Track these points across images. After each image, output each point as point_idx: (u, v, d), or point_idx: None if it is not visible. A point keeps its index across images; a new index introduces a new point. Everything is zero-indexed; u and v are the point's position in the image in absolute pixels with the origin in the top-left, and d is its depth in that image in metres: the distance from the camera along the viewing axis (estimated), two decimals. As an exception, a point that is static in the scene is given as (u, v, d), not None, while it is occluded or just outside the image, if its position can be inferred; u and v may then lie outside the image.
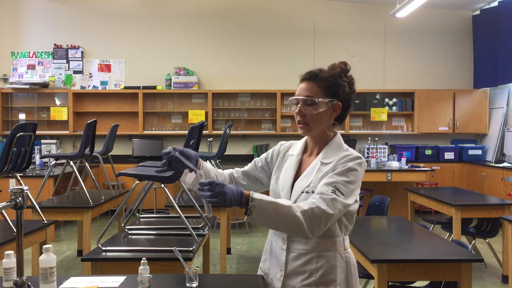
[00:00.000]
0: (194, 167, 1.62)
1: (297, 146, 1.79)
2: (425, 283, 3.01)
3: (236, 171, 1.85)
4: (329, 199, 1.51)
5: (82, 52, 7.88)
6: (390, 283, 2.90)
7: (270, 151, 1.85)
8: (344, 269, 1.65)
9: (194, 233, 2.70)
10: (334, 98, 1.64)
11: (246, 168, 1.85)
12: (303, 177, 1.66)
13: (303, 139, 1.79)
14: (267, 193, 1.72)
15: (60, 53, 7.87)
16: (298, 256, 1.64)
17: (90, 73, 7.90)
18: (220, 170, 1.81)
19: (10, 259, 1.82)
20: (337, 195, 1.52)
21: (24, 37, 7.89)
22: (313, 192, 1.59)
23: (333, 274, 1.63)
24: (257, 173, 1.83)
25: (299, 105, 1.64)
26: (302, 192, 1.62)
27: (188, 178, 1.72)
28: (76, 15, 7.89)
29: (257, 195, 1.46)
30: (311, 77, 1.65)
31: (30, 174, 5.94)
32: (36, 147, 6.91)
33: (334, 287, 1.62)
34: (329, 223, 1.53)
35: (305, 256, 1.63)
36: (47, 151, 7.21)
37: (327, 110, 1.64)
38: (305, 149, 1.76)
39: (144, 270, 1.77)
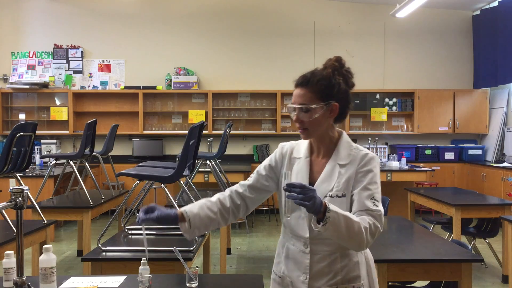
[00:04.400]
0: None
1: (301, 147, 1.76)
2: (425, 283, 3.01)
3: (242, 185, 1.79)
4: (378, 215, 1.57)
5: (82, 52, 7.88)
6: (390, 283, 2.90)
7: (272, 156, 1.80)
8: (365, 264, 1.70)
9: (194, 233, 2.69)
10: (329, 99, 1.63)
11: (251, 181, 1.79)
12: (323, 181, 1.65)
13: (306, 141, 1.76)
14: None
15: (60, 53, 7.87)
16: (323, 258, 1.64)
17: (90, 73, 7.90)
18: (212, 199, 1.75)
19: (10, 259, 1.82)
20: (377, 206, 1.59)
21: (24, 37, 7.89)
22: (337, 196, 1.61)
23: (357, 270, 1.66)
24: (263, 183, 1.77)
25: (295, 113, 1.64)
26: (326, 197, 1.61)
27: (184, 230, 1.67)
28: (76, 15, 7.89)
29: (332, 207, 1.47)
30: (303, 82, 1.65)
31: (30, 174, 5.94)
32: (36, 147, 6.91)
33: (359, 282, 1.66)
34: (378, 236, 1.60)
35: (330, 257, 1.64)
36: (47, 151, 7.21)
37: (324, 113, 1.63)
38: (311, 150, 1.74)
39: (144, 270, 1.77)
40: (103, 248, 2.61)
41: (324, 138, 1.69)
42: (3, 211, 2.11)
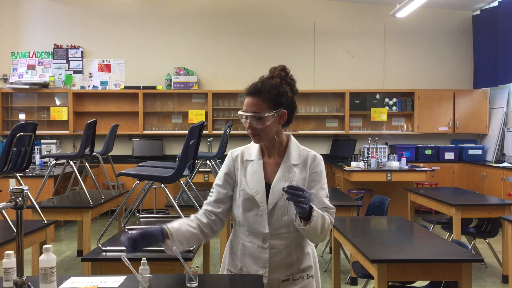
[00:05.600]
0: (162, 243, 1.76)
1: (252, 150, 1.88)
2: (425, 283, 3.01)
3: (207, 203, 1.88)
4: (333, 212, 1.79)
5: (82, 52, 7.88)
6: (390, 283, 2.90)
7: (224, 165, 1.90)
8: (311, 255, 1.88)
9: (194, 233, 2.69)
10: (279, 107, 1.74)
11: (213, 196, 1.88)
12: (279, 180, 1.77)
13: (256, 144, 1.87)
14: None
15: (60, 53, 7.87)
16: (280, 251, 1.79)
17: (90, 73, 7.90)
18: (190, 217, 1.85)
19: (10, 259, 1.82)
20: (329, 203, 1.79)
21: (24, 37, 7.89)
22: None
23: (309, 260, 1.85)
24: (226, 193, 1.86)
25: (248, 120, 1.75)
26: (283, 194, 1.69)
27: (166, 248, 1.76)
28: (76, 15, 7.89)
29: (315, 207, 1.66)
30: (255, 92, 1.78)
31: (30, 174, 5.94)
32: (36, 147, 6.91)
33: (311, 271, 1.85)
34: None
35: (286, 250, 1.79)
36: (47, 151, 7.21)
37: (274, 120, 1.75)
38: (262, 153, 1.86)
39: (144, 270, 1.77)
40: (103, 248, 2.61)
41: (274, 141, 1.82)
42: (3, 211, 2.12)
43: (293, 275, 1.80)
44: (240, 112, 1.79)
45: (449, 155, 7.52)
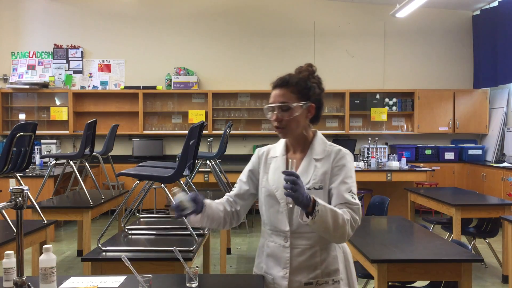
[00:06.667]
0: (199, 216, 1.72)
1: (277, 148, 1.85)
2: (425, 283, 3.01)
3: (229, 196, 1.88)
4: (356, 209, 1.65)
5: (82, 52, 7.88)
6: (390, 283, 2.90)
7: (250, 162, 1.89)
8: (343, 259, 1.76)
9: (194, 233, 2.70)
10: (307, 100, 1.71)
11: (235, 190, 1.88)
12: (300, 174, 1.67)
13: (282, 141, 1.85)
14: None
15: (60, 53, 7.88)
16: (303, 252, 1.70)
17: (90, 73, 7.90)
18: (219, 200, 1.86)
19: (10, 259, 1.82)
20: (355, 199, 1.66)
21: (24, 37, 7.89)
22: (314, 188, 1.68)
23: (336, 264, 1.72)
24: (247, 189, 1.86)
25: (275, 112, 1.71)
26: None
27: (194, 219, 1.73)
28: (76, 15, 7.89)
29: (320, 201, 1.53)
30: (282, 83, 1.73)
31: (30, 174, 5.94)
32: (36, 147, 6.91)
33: (338, 276, 1.71)
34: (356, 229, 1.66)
35: (309, 251, 1.69)
36: (47, 151, 7.21)
37: (302, 113, 1.71)
38: (287, 149, 1.82)
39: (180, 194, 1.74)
40: (103, 248, 2.61)
41: (300, 138, 1.77)
42: (3, 211, 2.11)
43: (317, 278, 1.69)
44: (265, 106, 1.75)
45: (449, 155, 7.52)
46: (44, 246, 1.78)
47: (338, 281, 1.71)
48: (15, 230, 1.90)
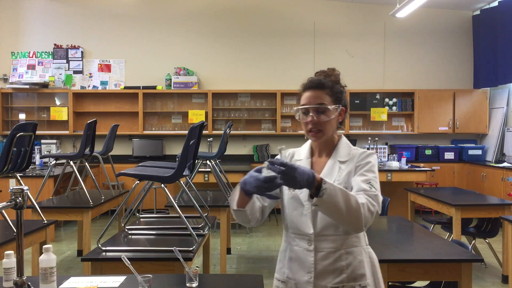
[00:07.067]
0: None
1: (302, 151, 1.82)
2: (425, 283, 3.01)
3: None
4: (373, 195, 1.58)
5: (82, 52, 7.88)
6: (390, 283, 2.90)
7: None
8: (369, 263, 1.72)
9: (194, 233, 2.70)
10: (339, 104, 1.70)
11: None
12: (324, 176, 1.66)
13: (307, 144, 1.81)
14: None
15: (60, 53, 7.87)
16: (327, 255, 1.65)
17: (90, 73, 7.90)
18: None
19: (10, 259, 1.82)
20: (374, 188, 1.61)
21: (24, 37, 7.89)
22: None
23: (362, 269, 1.67)
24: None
25: (310, 114, 1.67)
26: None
27: (242, 200, 1.61)
28: (76, 15, 7.89)
29: (328, 180, 1.48)
30: (318, 85, 1.70)
31: (30, 174, 5.94)
32: (36, 147, 6.91)
33: (364, 281, 1.66)
34: (375, 218, 1.59)
35: (334, 254, 1.65)
36: (47, 151, 7.21)
37: (335, 116, 1.70)
38: (312, 153, 1.80)
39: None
40: (103, 248, 2.61)
41: (328, 141, 1.75)
42: (3, 211, 2.11)
43: (342, 283, 1.64)
44: (298, 107, 1.69)
45: (449, 155, 7.52)
46: (44, 246, 1.78)
47: (365, 286, 1.67)
48: (15, 230, 1.90)
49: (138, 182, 2.80)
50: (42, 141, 7.35)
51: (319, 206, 1.47)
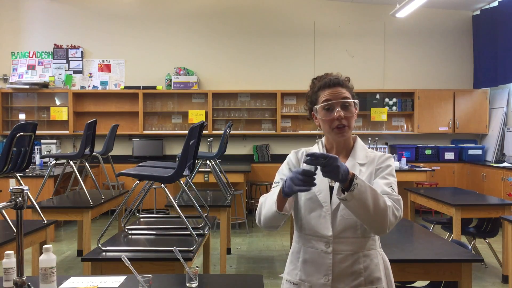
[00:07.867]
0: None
1: (315, 151, 1.75)
2: (425, 283, 3.01)
3: None
4: (396, 199, 1.58)
5: (82, 52, 7.88)
6: (390, 283, 2.90)
7: (288, 161, 1.79)
8: (383, 267, 1.70)
9: (194, 233, 2.70)
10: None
11: (280, 186, 1.75)
12: None
13: (319, 145, 1.78)
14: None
15: (60, 53, 7.87)
16: (345, 258, 1.63)
17: (90, 73, 7.90)
18: None
19: (10, 259, 1.82)
20: (394, 192, 1.61)
21: (24, 37, 7.89)
22: None
23: (378, 272, 1.66)
24: None
25: (337, 109, 1.64)
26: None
27: (286, 202, 1.58)
28: (76, 15, 7.89)
29: (359, 177, 1.47)
30: (339, 82, 1.72)
31: (30, 174, 5.94)
32: (36, 147, 6.91)
33: (380, 284, 1.65)
34: (397, 223, 1.59)
35: (352, 257, 1.63)
36: (47, 151, 7.21)
37: (356, 112, 1.70)
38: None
39: None
40: (103, 248, 2.61)
41: (346, 140, 1.72)
42: (3, 211, 2.11)
43: (360, 286, 1.63)
44: (328, 103, 1.66)
45: (449, 155, 7.52)
46: (44, 246, 1.78)
47: None
48: (15, 230, 1.90)
49: (138, 182, 2.80)
50: (42, 141, 7.35)
51: (348, 201, 1.45)
